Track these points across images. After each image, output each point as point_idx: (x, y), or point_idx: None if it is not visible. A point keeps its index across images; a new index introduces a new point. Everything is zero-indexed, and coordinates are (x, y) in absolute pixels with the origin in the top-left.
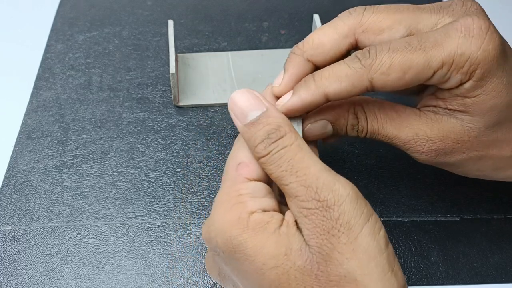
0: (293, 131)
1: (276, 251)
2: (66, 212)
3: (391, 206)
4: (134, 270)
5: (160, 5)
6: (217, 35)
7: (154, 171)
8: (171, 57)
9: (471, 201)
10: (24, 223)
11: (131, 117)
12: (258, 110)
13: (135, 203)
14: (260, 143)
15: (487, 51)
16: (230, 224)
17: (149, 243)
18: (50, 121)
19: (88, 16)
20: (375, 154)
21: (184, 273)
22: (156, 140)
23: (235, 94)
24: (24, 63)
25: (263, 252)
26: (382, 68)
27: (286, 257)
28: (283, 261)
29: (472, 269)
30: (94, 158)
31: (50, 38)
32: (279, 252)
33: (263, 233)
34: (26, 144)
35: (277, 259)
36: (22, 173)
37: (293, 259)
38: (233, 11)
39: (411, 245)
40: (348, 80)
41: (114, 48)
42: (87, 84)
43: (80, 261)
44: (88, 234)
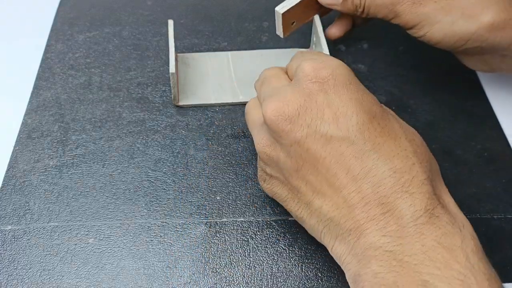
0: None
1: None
2: (66, 212)
3: None
4: (134, 270)
5: (160, 5)
6: (217, 35)
7: (154, 170)
8: (171, 57)
9: (471, 201)
10: (24, 222)
11: (131, 117)
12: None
13: (135, 203)
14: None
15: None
16: (342, 64)
17: (149, 242)
18: (50, 121)
19: (88, 16)
20: None
21: (184, 273)
22: (156, 140)
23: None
24: (24, 63)
25: (368, 92)
26: None
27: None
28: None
29: None
30: (94, 158)
31: (50, 38)
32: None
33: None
34: (26, 144)
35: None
36: (22, 173)
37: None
38: (233, 11)
39: None
40: None
41: (114, 48)
42: (87, 84)
43: (80, 261)
44: (88, 234)
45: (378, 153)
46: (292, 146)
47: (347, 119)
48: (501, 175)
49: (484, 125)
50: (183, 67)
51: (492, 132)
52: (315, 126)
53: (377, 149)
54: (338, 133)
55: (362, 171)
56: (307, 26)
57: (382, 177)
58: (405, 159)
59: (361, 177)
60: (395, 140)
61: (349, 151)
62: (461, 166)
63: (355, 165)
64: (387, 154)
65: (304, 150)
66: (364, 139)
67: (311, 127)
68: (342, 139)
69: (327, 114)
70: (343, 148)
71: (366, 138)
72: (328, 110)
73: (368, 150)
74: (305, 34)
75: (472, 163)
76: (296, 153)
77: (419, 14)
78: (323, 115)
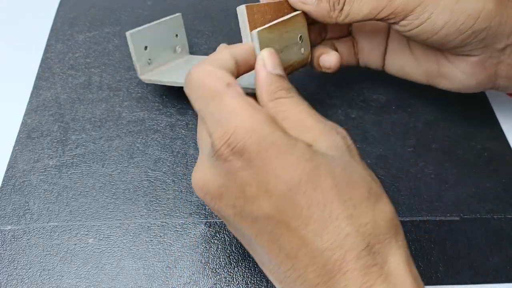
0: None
1: (307, 148)
2: (66, 212)
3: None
4: (133, 270)
5: (160, 5)
6: (217, 35)
7: (153, 170)
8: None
9: (471, 201)
10: (23, 222)
11: (130, 117)
12: (282, 71)
13: (134, 203)
14: (283, 90)
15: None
16: (261, 124)
17: (148, 242)
18: (50, 121)
19: (88, 16)
20: (375, 153)
21: (184, 273)
22: (156, 140)
23: (266, 53)
24: (24, 62)
25: (297, 147)
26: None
27: (316, 154)
28: (315, 156)
29: (472, 269)
30: (93, 158)
31: (50, 38)
32: (310, 149)
33: (291, 135)
34: (26, 143)
35: (310, 153)
36: (21, 173)
37: (321, 156)
38: (233, 11)
39: (410, 245)
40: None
41: (114, 47)
42: (87, 83)
43: (79, 261)
44: (88, 234)
45: (307, 229)
46: (225, 221)
47: (269, 197)
48: (501, 175)
49: (484, 125)
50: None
51: (492, 132)
52: (239, 206)
53: (305, 224)
54: (262, 212)
55: (292, 250)
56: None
57: (312, 256)
58: (337, 231)
59: (292, 255)
60: (325, 208)
61: (277, 230)
62: (461, 166)
63: (285, 244)
64: (315, 229)
65: (236, 228)
66: (289, 216)
67: (236, 207)
68: (268, 218)
69: (249, 192)
70: (271, 227)
71: (291, 215)
72: (249, 188)
73: (296, 226)
74: None
75: (472, 163)
76: (231, 227)
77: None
78: (245, 194)
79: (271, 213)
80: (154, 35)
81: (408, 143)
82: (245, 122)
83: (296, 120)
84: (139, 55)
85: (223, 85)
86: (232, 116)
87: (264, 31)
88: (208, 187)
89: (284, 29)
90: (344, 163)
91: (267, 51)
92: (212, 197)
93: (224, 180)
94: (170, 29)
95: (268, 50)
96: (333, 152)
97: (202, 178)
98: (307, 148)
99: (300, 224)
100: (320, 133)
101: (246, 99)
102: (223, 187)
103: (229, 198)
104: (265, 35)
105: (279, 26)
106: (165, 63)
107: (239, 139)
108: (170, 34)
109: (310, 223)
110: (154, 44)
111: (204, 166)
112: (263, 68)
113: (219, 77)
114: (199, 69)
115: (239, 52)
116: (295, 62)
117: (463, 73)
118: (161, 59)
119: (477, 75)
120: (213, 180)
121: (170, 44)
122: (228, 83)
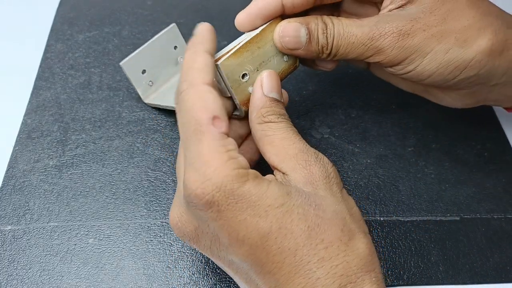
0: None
1: (279, 192)
2: (66, 212)
3: (391, 206)
4: (133, 270)
5: (160, 5)
6: (217, 35)
7: (153, 170)
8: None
9: (471, 201)
10: (23, 222)
11: (130, 116)
12: (278, 95)
13: (134, 203)
14: (273, 114)
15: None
16: (231, 178)
17: (148, 242)
18: (50, 121)
19: (88, 16)
20: (375, 153)
21: (184, 273)
22: (156, 139)
23: (265, 74)
24: (24, 62)
25: (267, 195)
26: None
27: (289, 196)
28: (287, 199)
29: (472, 269)
30: (93, 158)
31: (50, 38)
32: (283, 192)
33: (264, 181)
34: (26, 143)
35: (282, 198)
36: (22, 173)
37: (294, 197)
38: (233, 11)
39: (411, 245)
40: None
41: (113, 47)
42: (87, 83)
43: (79, 261)
44: (88, 234)
45: (280, 273)
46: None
47: (241, 245)
48: (501, 175)
49: (484, 125)
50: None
51: (492, 132)
52: (215, 250)
53: (278, 269)
54: (237, 258)
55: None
56: None
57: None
58: (308, 275)
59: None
60: (296, 253)
61: (252, 272)
62: (461, 166)
63: (261, 284)
64: (288, 273)
65: (218, 264)
66: (262, 261)
67: (213, 251)
68: (243, 262)
69: (222, 239)
70: (246, 269)
71: (264, 260)
72: (222, 235)
73: (270, 270)
74: None
75: (472, 163)
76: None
77: (407, 47)
78: (218, 240)
79: (245, 259)
80: (151, 55)
81: (408, 143)
82: (216, 176)
83: (280, 147)
84: (139, 81)
85: (208, 119)
86: (205, 166)
87: (229, 59)
88: (185, 228)
89: (256, 45)
90: (318, 200)
91: (267, 73)
92: (190, 238)
93: (199, 224)
94: (167, 43)
95: (268, 71)
96: (308, 188)
97: (179, 218)
98: (279, 192)
99: (274, 268)
100: (299, 164)
101: (224, 145)
102: (199, 229)
103: (206, 242)
104: (230, 62)
105: (248, 46)
106: (169, 79)
107: (208, 192)
108: (168, 48)
109: (282, 268)
110: (152, 64)
111: (181, 204)
112: (259, 89)
113: (207, 107)
114: (192, 91)
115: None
116: (279, 73)
117: (450, 97)
118: (163, 77)
119: (465, 100)
120: (189, 221)
121: (170, 59)
122: (213, 116)
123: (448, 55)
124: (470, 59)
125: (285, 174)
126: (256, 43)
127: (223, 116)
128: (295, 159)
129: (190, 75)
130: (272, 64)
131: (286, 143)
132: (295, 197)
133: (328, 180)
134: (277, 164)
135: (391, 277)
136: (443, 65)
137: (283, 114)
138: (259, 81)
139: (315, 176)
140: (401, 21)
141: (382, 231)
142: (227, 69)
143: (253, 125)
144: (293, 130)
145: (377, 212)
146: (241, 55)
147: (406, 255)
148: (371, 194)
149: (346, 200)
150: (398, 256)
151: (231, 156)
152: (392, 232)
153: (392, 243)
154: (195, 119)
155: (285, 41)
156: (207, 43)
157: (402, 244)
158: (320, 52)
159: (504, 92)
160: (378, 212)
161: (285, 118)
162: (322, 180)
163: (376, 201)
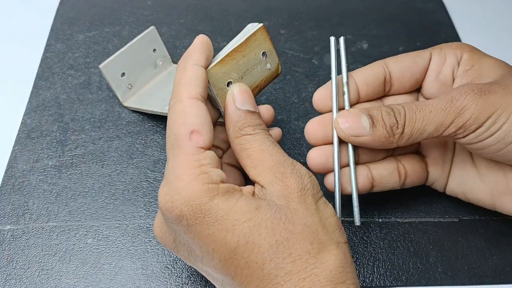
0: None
1: (247, 207)
2: (65, 212)
3: (390, 207)
4: (132, 270)
5: (160, 5)
6: (217, 35)
7: (153, 171)
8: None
9: (469, 202)
10: (23, 222)
11: (130, 117)
12: (252, 107)
13: (134, 203)
14: (249, 126)
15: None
16: (199, 193)
17: (147, 243)
18: (49, 121)
19: (88, 15)
20: None
21: (182, 273)
22: (155, 140)
23: (236, 89)
24: (23, 62)
25: (235, 210)
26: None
27: (257, 210)
28: (255, 214)
29: (470, 270)
30: (93, 158)
31: (50, 38)
32: (251, 207)
33: (233, 196)
34: (25, 143)
35: (249, 213)
36: (21, 173)
37: (263, 212)
38: (233, 11)
39: (409, 246)
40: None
41: (113, 47)
42: (87, 83)
43: (78, 261)
44: (87, 234)
45: (249, 286)
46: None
47: (212, 258)
48: None
49: None
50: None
51: None
52: (193, 260)
53: (247, 282)
54: (210, 269)
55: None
56: (307, 26)
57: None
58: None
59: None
60: (263, 267)
61: (226, 285)
62: None
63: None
64: (257, 287)
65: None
66: (232, 274)
67: (191, 261)
68: (216, 272)
69: (196, 251)
70: (221, 279)
71: (234, 273)
72: (195, 248)
73: (240, 282)
74: (305, 34)
75: None
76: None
77: (490, 102)
78: (193, 252)
79: (217, 271)
80: (130, 58)
81: None
82: (185, 191)
83: (257, 160)
84: (118, 83)
85: (185, 133)
86: (176, 181)
87: (214, 68)
88: (165, 238)
89: (240, 54)
90: (290, 213)
91: (237, 86)
92: (171, 248)
93: (176, 235)
94: (146, 46)
95: (238, 85)
96: (281, 201)
97: (160, 228)
98: (247, 207)
99: (243, 281)
100: (276, 177)
101: (198, 160)
102: (177, 240)
103: (184, 252)
104: (216, 71)
105: (234, 54)
106: (148, 82)
107: (176, 206)
108: (147, 51)
109: (251, 281)
110: (131, 67)
111: (159, 219)
112: (232, 104)
113: (186, 122)
114: (176, 106)
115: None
116: (261, 81)
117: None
118: (142, 80)
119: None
120: (168, 232)
121: (149, 61)
122: (192, 130)
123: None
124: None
125: (263, 187)
126: (240, 51)
127: (204, 129)
128: (272, 171)
129: (176, 91)
130: (256, 72)
131: (263, 155)
132: (264, 211)
133: (303, 192)
134: (255, 178)
135: (390, 278)
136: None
137: (259, 124)
138: (230, 96)
139: (290, 188)
140: (478, 83)
141: (380, 232)
142: (213, 77)
143: (232, 140)
144: (271, 141)
145: (376, 214)
146: (226, 64)
147: (405, 256)
148: (369, 195)
149: (321, 212)
150: (396, 257)
151: (203, 171)
152: (391, 233)
153: (390, 244)
154: (174, 134)
155: (345, 127)
156: (195, 55)
157: (400, 245)
158: (389, 135)
159: None
160: (377, 213)
161: (262, 129)
162: (297, 193)
163: (375, 202)
